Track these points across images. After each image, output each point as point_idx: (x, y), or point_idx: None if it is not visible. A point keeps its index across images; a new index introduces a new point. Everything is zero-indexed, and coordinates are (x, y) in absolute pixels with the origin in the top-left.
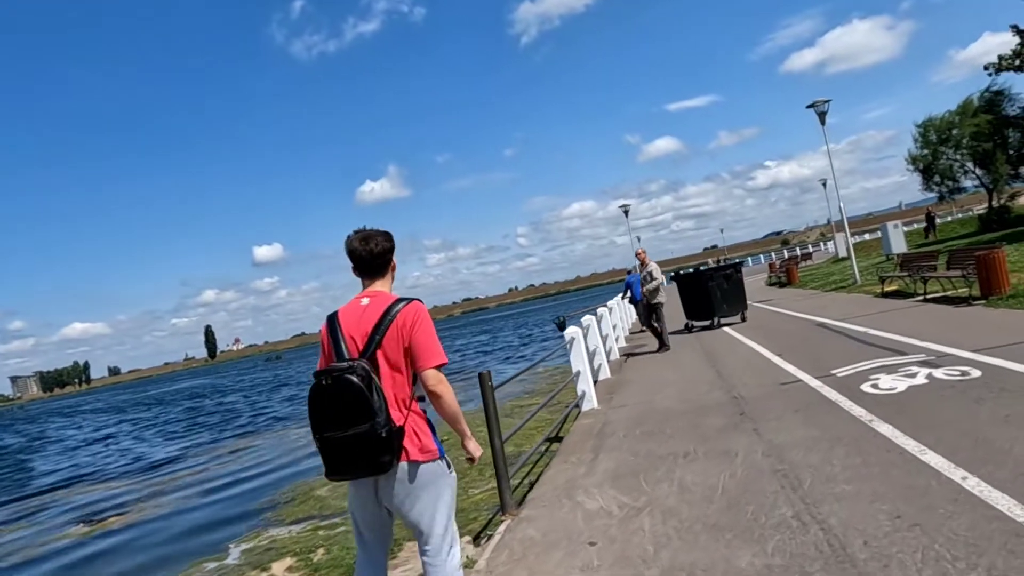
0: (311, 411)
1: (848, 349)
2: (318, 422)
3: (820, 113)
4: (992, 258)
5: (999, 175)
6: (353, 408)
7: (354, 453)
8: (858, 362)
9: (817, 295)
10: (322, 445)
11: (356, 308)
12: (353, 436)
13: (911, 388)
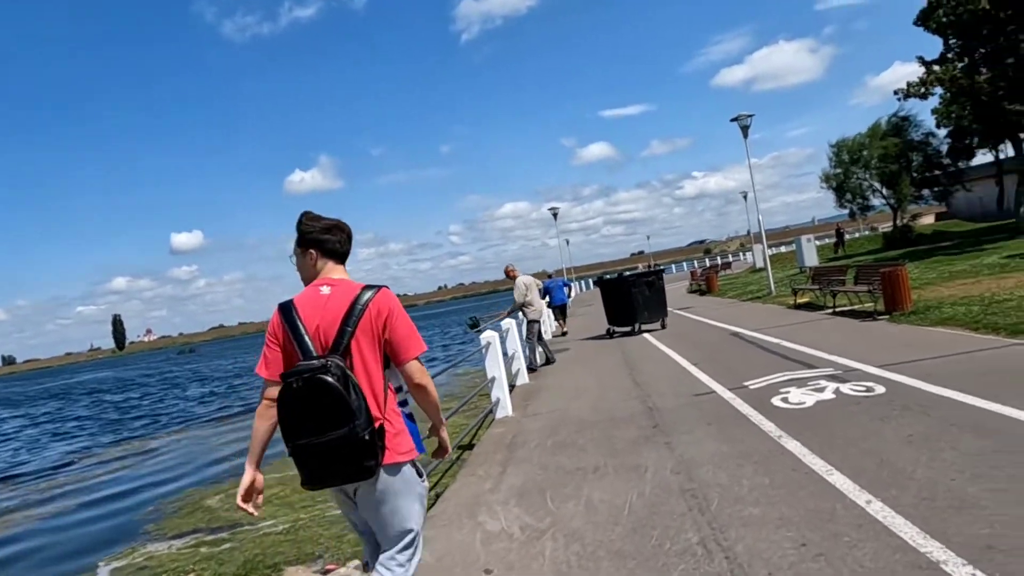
0: (281, 417)
1: (761, 360)
2: (291, 428)
3: (743, 127)
4: (896, 275)
5: (903, 196)
6: (331, 411)
7: (334, 459)
8: (770, 374)
9: (735, 304)
10: (296, 453)
11: (317, 298)
12: (332, 441)
13: (819, 403)
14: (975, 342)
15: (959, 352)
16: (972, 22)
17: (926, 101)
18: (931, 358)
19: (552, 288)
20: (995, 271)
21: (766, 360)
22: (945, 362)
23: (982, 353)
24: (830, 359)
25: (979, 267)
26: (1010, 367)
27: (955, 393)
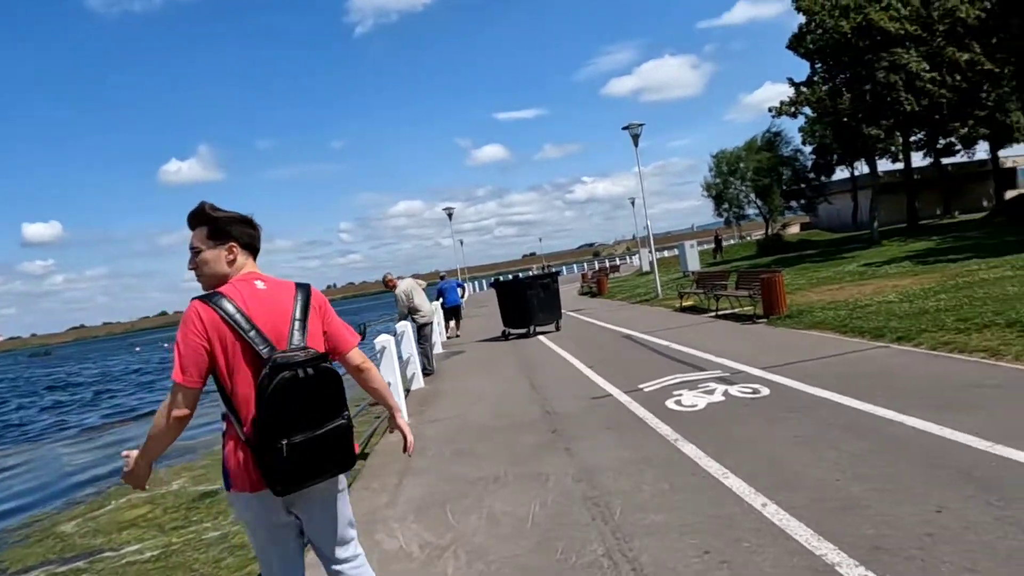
0: (280, 412)
1: (654, 363)
2: (287, 425)
3: (634, 135)
4: (773, 281)
5: (774, 206)
6: (333, 400)
7: (328, 452)
8: (663, 377)
9: (625, 307)
10: (289, 453)
11: (257, 292)
12: (329, 432)
13: (710, 406)
14: (845, 344)
15: (832, 354)
16: (836, 49)
17: (795, 119)
18: (808, 360)
19: (445, 289)
20: (855, 278)
21: (658, 362)
22: (821, 364)
23: (852, 355)
24: (718, 361)
25: (842, 274)
26: (876, 368)
27: (832, 394)
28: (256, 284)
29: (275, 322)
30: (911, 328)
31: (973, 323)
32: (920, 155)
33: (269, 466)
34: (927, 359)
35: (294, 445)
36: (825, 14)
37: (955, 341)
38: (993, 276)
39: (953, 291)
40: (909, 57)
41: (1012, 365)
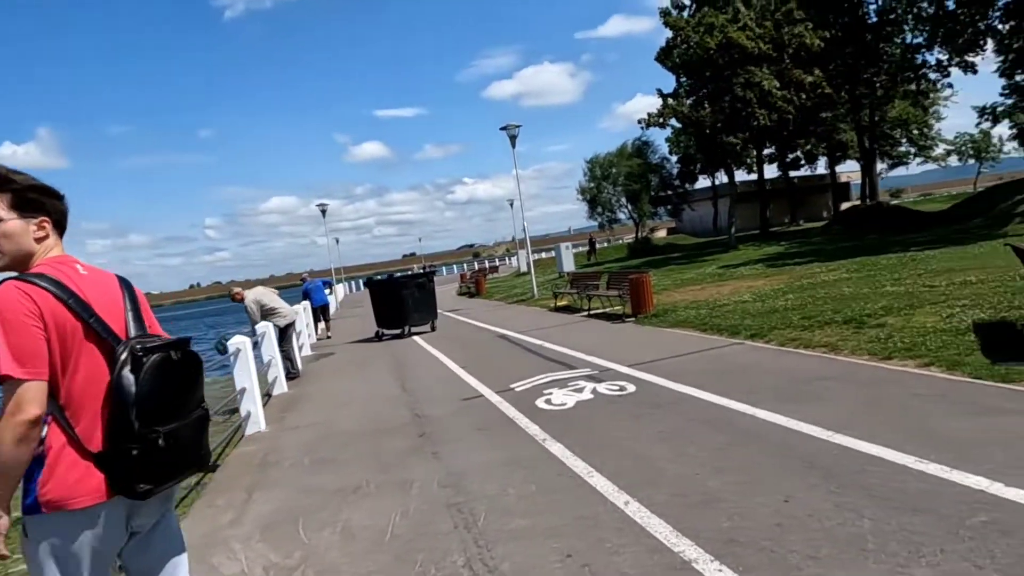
0: (153, 398)
1: (526, 362)
2: (168, 411)
3: (511, 136)
4: (640, 281)
5: (644, 211)
6: (198, 387)
7: (192, 443)
8: (534, 376)
9: (501, 307)
10: (166, 442)
11: (83, 278)
12: (194, 422)
13: (579, 404)
14: (705, 342)
15: (693, 351)
16: (700, 64)
17: (664, 129)
18: (672, 357)
19: (311, 289)
20: (715, 279)
21: (530, 362)
22: (683, 361)
23: (711, 352)
24: (587, 359)
25: (703, 275)
26: (732, 364)
27: (694, 390)
28: (78, 269)
29: (111, 310)
30: (763, 326)
31: (816, 321)
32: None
33: (135, 462)
34: (777, 355)
35: (170, 433)
36: (690, 30)
37: (801, 338)
38: (832, 278)
39: (799, 291)
40: (762, 75)
41: (847, 359)
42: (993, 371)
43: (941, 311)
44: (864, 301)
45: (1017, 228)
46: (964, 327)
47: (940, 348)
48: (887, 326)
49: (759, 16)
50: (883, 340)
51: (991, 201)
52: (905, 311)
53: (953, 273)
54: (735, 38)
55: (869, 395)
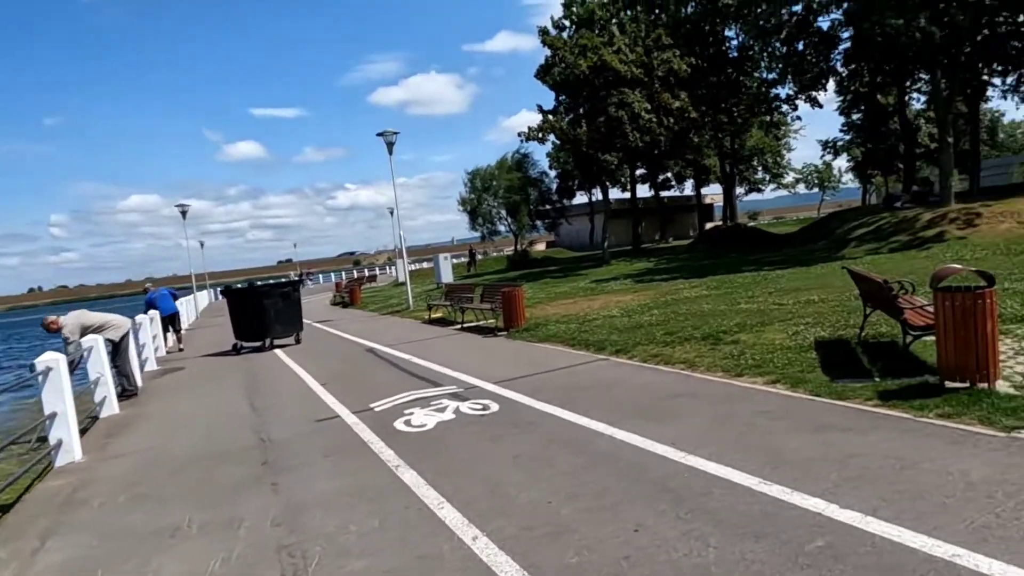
0: None
1: (391, 379)
2: None
3: (388, 143)
4: (513, 295)
5: (523, 224)
6: None
7: None
8: (397, 394)
9: (374, 318)
10: None
11: None
12: None
13: (439, 425)
14: (572, 357)
15: (560, 367)
16: (576, 83)
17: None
18: (538, 373)
19: (155, 299)
20: (587, 293)
21: (396, 378)
22: (549, 377)
23: (577, 368)
24: (455, 376)
25: (576, 289)
26: (596, 381)
27: (556, 409)
28: None
29: None
30: (628, 341)
31: (677, 336)
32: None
33: None
34: (638, 371)
35: None
36: (567, 51)
37: (662, 353)
38: (694, 294)
39: (663, 307)
40: (634, 97)
41: (703, 376)
42: (831, 388)
43: (788, 328)
44: (721, 318)
45: (853, 252)
46: (807, 344)
47: (786, 365)
48: (740, 343)
49: (632, 41)
50: (736, 357)
51: (831, 226)
52: (757, 328)
53: (799, 292)
54: (609, 61)
55: (721, 413)
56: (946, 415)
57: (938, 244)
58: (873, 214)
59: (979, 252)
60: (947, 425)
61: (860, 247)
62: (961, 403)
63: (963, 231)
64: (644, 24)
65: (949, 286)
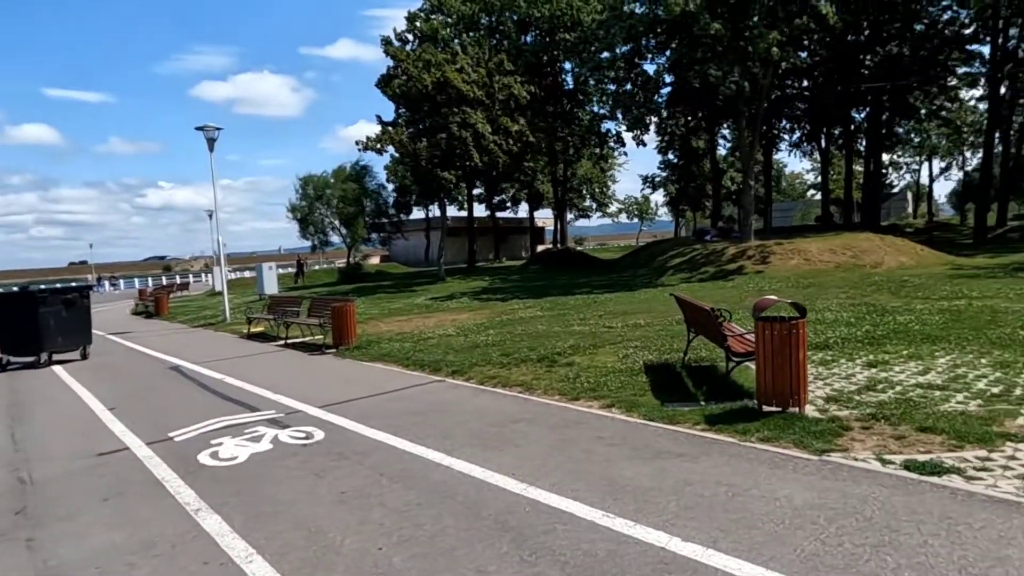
0: None
1: (199, 402)
2: None
3: (209, 139)
4: (344, 310)
5: (357, 236)
6: None
7: None
8: (205, 420)
9: (184, 331)
10: None
11: None
12: None
13: (253, 457)
14: (406, 378)
15: (393, 389)
16: (418, 98)
17: (382, 156)
18: (369, 396)
19: None
20: (423, 310)
21: (204, 402)
22: (381, 400)
23: (411, 390)
24: (275, 399)
25: (412, 306)
26: (432, 404)
27: (388, 436)
28: None
29: None
30: (464, 362)
31: (513, 357)
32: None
33: None
34: (475, 393)
35: None
36: (410, 63)
37: (499, 375)
38: (529, 315)
39: (499, 327)
40: (476, 117)
41: (540, 399)
42: (663, 413)
43: (619, 351)
44: (556, 339)
45: (670, 279)
46: (638, 368)
47: (619, 388)
48: (575, 365)
49: (475, 62)
50: (572, 380)
51: (650, 254)
52: (590, 351)
53: (627, 315)
54: (451, 78)
55: (559, 439)
56: (766, 439)
57: (740, 276)
58: (686, 246)
59: (774, 284)
60: (768, 449)
61: (676, 275)
62: (778, 427)
63: (760, 266)
64: (487, 48)
65: (770, 316)
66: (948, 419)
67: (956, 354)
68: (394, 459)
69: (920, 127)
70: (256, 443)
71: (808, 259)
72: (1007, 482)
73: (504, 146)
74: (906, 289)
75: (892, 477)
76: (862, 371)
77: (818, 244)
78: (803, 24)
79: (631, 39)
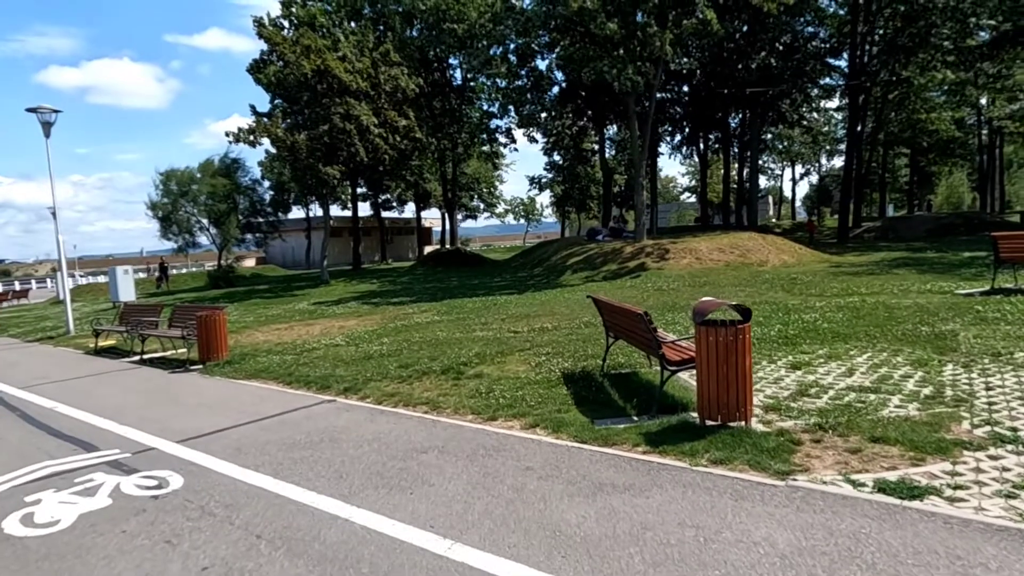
0: None
1: (17, 441)
2: None
3: (45, 123)
4: (213, 320)
5: (229, 237)
6: None
7: None
8: (23, 466)
9: (15, 346)
10: None
11: None
12: None
13: (83, 519)
14: (289, 399)
15: (273, 414)
16: (296, 86)
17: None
18: (243, 424)
19: None
20: (305, 317)
21: (25, 440)
22: (258, 429)
23: (296, 414)
24: (120, 432)
25: (292, 312)
26: (321, 432)
27: (267, 479)
28: None
29: None
30: (357, 377)
31: (414, 369)
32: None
33: None
34: (373, 415)
35: None
36: (287, 48)
37: (399, 392)
38: (425, 320)
39: (394, 334)
40: (361, 110)
41: (451, 420)
42: (595, 432)
43: (529, 359)
44: (459, 347)
45: (570, 279)
46: (555, 378)
47: (540, 403)
48: (485, 376)
49: (358, 51)
50: (484, 395)
51: (543, 254)
52: (498, 359)
53: (531, 319)
54: (333, 67)
55: (480, 473)
56: (718, 461)
57: (642, 273)
58: (579, 245)
59: (672, 283)
60: (726, 475)
61: (575, 275)
62: (727, 444)
63: (658, 264)
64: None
65: (712, 320)
66: (896, 426)
67: (871, 352)
68: (275, 512)
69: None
70: (89, 497)
71: (699, 258)
72: (990, 502)
73: (390, 140)
74: (798, 287)
75: (872, 504)
76: (788, 374)
77: (707, 243)
78: (690, 26)
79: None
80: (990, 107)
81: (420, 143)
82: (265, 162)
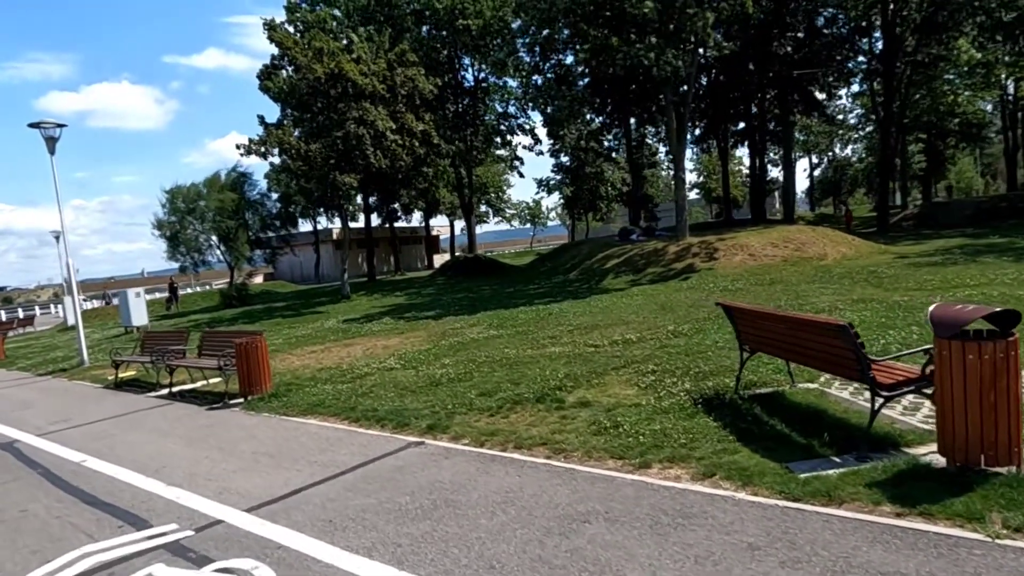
0: None
1: (48, 512)
2: None
3: (48, 138)
4: (254, 346)
5: (240, 254)
6: None
7: None
8: (60, 554)
9: (26, 381)
10: None
11: None
12: None
13: None
14: (364, 443)
15: (354, 465)
16: (310, 93)
17: (265, 161)
18: (323, 481)
19: None
20: (339, 336)
21: (57, 511)
22: (343, 489)
23: (379, 465)
24: (172, 497)
25: (323, 331)
26: (426, 493)
27: (390, 571)
28: None
29: None
30: (437, 409)
31: (500, 398)
32: (374, 216)
33: None
34: (484, 463)
35: None
36: (299, 51)
37: (499, 429)
38: (480, 335)
39: (452, 353)
40: (377, 114)
41: (589, 468)
42: (804, 485)
43: (634, 380)
44: (537, 367)
45: (614, 283)
46: (684, 403)
47: (693, 441)
48: (593, 404)
49: (374, 52)
50: (611, 430)
51: (572, 257)
52: (594, 380)
53: (603, 330)
54: (347, 70)
55: (684, 554)
56: (1020, 529)
57: (693, 274)
58: (613, 247)
59: (734, 283)
60: None
61: (619, 278)
62: (1014, 502)
63: (707, 263)
64: (386, 37)
65: (966, 331)
66: None
67: None
68: None
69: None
70: None
71: (752, 254)
72: None
73: (407, 146)
74: (885, 281)
75: None
76: None
77: (758, 239)
78: (727, 7)
79: (547, 22)
80: (1020, 86)
81: (438, 148)
82: (271, 175)
